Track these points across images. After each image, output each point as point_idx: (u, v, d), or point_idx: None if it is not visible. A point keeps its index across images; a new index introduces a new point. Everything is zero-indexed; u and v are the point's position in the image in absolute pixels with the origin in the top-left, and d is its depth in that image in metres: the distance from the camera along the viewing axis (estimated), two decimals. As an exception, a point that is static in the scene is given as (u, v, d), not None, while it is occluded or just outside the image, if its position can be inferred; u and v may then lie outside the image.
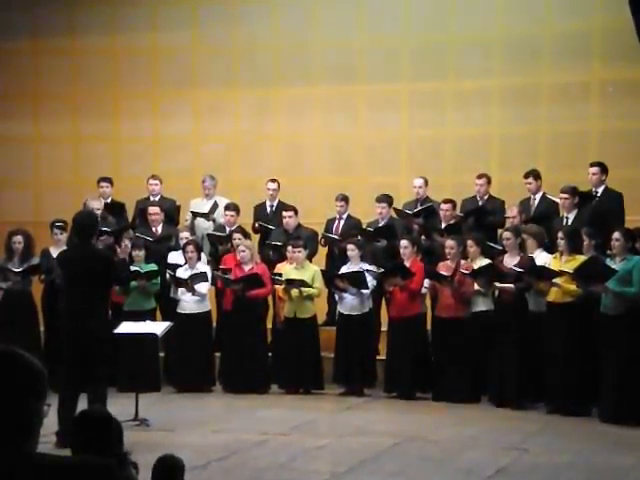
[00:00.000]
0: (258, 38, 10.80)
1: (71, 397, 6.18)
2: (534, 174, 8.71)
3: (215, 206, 9.31)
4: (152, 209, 9.19)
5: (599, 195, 8.33)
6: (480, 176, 9.02)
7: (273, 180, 9.52)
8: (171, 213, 9.46)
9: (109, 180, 9.63)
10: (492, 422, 7.24)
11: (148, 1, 10.96)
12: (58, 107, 11.12)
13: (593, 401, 7.40)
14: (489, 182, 9.02)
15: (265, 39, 10.78)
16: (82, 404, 6.17)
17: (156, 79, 10.98)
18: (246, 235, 8.82)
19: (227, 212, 9.18)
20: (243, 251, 8.50)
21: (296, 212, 9.11)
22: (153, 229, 9.18)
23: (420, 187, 9.12)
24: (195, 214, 9.32)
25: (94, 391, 6.25)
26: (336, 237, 9.00)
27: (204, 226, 9.36)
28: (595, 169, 8.36)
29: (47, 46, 11.11)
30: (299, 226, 9.13)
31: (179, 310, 8.56)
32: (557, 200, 8.41)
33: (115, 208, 9.24)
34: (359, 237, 8.71)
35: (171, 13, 10.95)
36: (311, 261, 8.84)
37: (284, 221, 9.07)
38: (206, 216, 9.26)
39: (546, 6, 10.14)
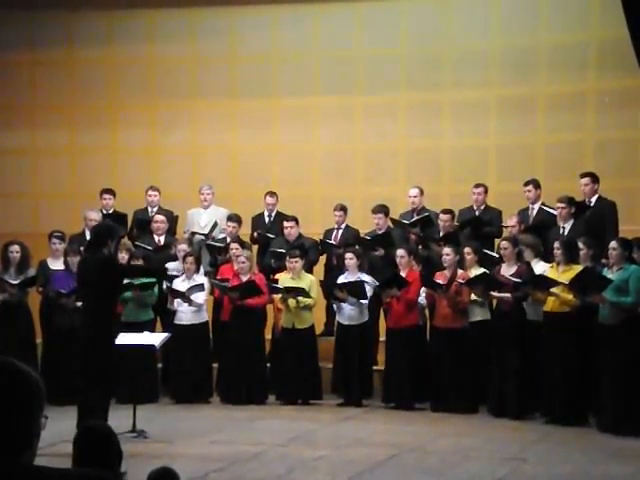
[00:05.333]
0: (256, 49, 10.83)
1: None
2: (534, 183, 8.72)
3: (215, 225, 9.32)
4: (158, 217, 9.24)
5: (592, 205, 8.35)
6: (477, 186, 9.03)
7: (271, 194, 9.53)
8: (169, 224, 9.47)
9: (112, 192, 9.64)
10: (491, 432, 7.22)
11: (145, 12, 10.99)
12: (55, 118, 11.12)
13: (591, 411, 7.39)
14: (486, 192, 9.03)
15: (263, 50, 10.82)
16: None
17: (154, 90, 11.00)
18: (244, 245, 8.82)
19: (229, 223, 9.19)
20: (243, 262, 8.50)
21: (297, 222, 9.12)
22: (156, 238, 9.20)
23: (415, 197, 9.14)
24: (195, 234, 9.32)
25: (90, 401, 6.26)
26: (333, 242, 9.02)
27: (202, 237, 9.36)
28: (586, 180, 8.38)
29: (44, 58, 11.13)
30: (300, 236, 9.14)
31: (176, 321, 8.55)
32: (554, 212, 8.42)
33: (116, 219, 9.25)
34: (357, 246, 8.72)
35: (168, 24, 10.98)
36: (311, 271, 8.84)
37: (285, 231, 9.07)
38: (206, 237, 9.27)
39: (542, 18, 10.19)
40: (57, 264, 8.62)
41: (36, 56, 11.17)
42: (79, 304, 7.30)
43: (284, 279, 8.52)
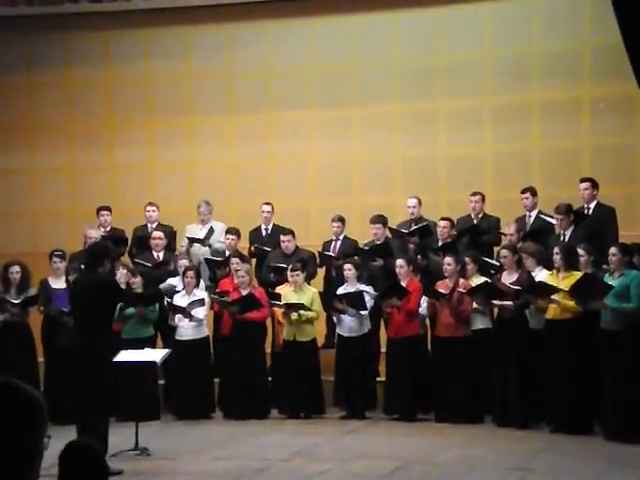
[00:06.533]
0: (252, 64, 10.87)
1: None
2: (531, 190, 8.75)
3: (211, 231, 9.33)
4: (156, 233, 9.25)
5: (591, 211, 8.36)
6: (474, 194, 9.05)
7: (267, 203, 9.57)
8: (169, 239, 9.48)
9: (109, 209, 9.66)
10: (496, 442, 7.19)
11: (141, 31, 11.03)
12: (54, 138, 11.15)
13: (596, 418, 7.36)
14: (483, 200, 9.04)
15: (258, 65, 10.85)
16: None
17: (151, 107, 11.04)
18: (244, 259, 8.81)
19: (228, 236, 9.20)
20: (242, 276, 8.49)
21: (294, 235, 9.12)
22: (155, 254, 9.20)
23: (414, 207, 9.14)
24: (191, 240, 9.33)
25: (90, 420, 6.24)
26: (332, 254, 9.02)
27: (201, 252, 9.36)
28: (585, 184, 8.40)
29: (42, 79, 11.17)
30: (297, 249, 9.14)
31: (177, 337, 8.53)
32: (551, 220, 8.42)
33: (117, 239, 9.26)
34: (355, 257, 8.71)
35: (164, 42, 11.02)
36: (310, 283, 8.83)
37: (283, 245, 9.07)
38: (202, 242, 9.28)
39: (535, 26, 10.23)
40: (58, 283, 8.61)
41: (34, 78, 11.21)
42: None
43: (287, 292, 8.50)
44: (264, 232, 9.55)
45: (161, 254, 9.25)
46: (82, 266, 8.02)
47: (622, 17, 6.42)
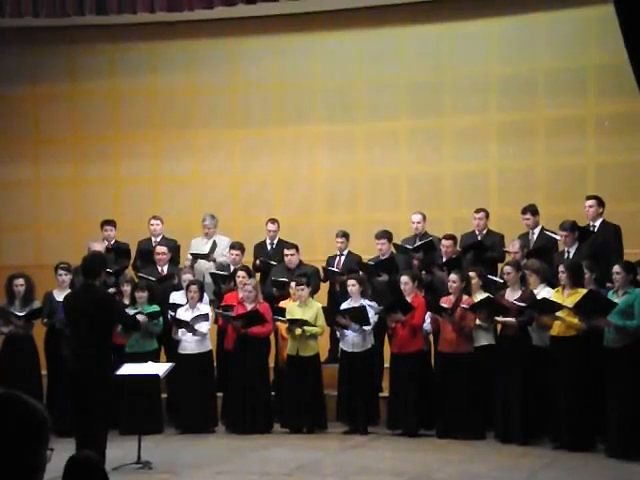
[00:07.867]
0: (256, 79, 10.92)
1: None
2: (531, 210, 8.73)
3: (214, 246, 9.34)
4: (159, 248, 9.25)
5: (596, 228, 8.36)
6: (478, 210, 9.05)
7: (273, 221, 9.57)
8: (173, 253, 9.50)
9: (113, 223, 9.68)
10: (498, 459, 7.16)
11: (146, 45, 11.10)
12: (59, 151, 11.20)
13: (598, 435, 7.33)
14: (487, 216, 9.05)
15: (263, 79, 10.91)
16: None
17: (156, 121, 11.09)
18: (250, 274, 8.81)
19: (232, 251, 9.19)
20: (249, 291, 8.49)
21: (297, 250, 9.13)
22: (159, 268, 9.22)
23: (418, 222, 9.16)
24: (195, 255, 9.34)
25: (89, 434, 6.23)
26: (336, 270, 9.02)
27: (205, 266, 9.38)
28: (591, 202, 8.40)
29: (47, 91, 11.23)
30: (301, 263, 9.15)
31: (180, 351, 8.53)
32: (556, 237, 8.42)
33: (120, 252, 9.26)
34: (360, 272, 8.72)
35: (169, 56, 11.09)
36: (313, 298, 8.83)
37: (286, 259, 9.08)
38: (206, 257, 9.29)
39: (541, 44, 10.26)
40: (63, 295, 8.62)
41: (39, 90, 11.27)
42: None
43: (292, 307, 8.50)
44: (269, 247, 9.57)
45: (165, 268, 9.27)
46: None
47: (628, 34, 6.44)
